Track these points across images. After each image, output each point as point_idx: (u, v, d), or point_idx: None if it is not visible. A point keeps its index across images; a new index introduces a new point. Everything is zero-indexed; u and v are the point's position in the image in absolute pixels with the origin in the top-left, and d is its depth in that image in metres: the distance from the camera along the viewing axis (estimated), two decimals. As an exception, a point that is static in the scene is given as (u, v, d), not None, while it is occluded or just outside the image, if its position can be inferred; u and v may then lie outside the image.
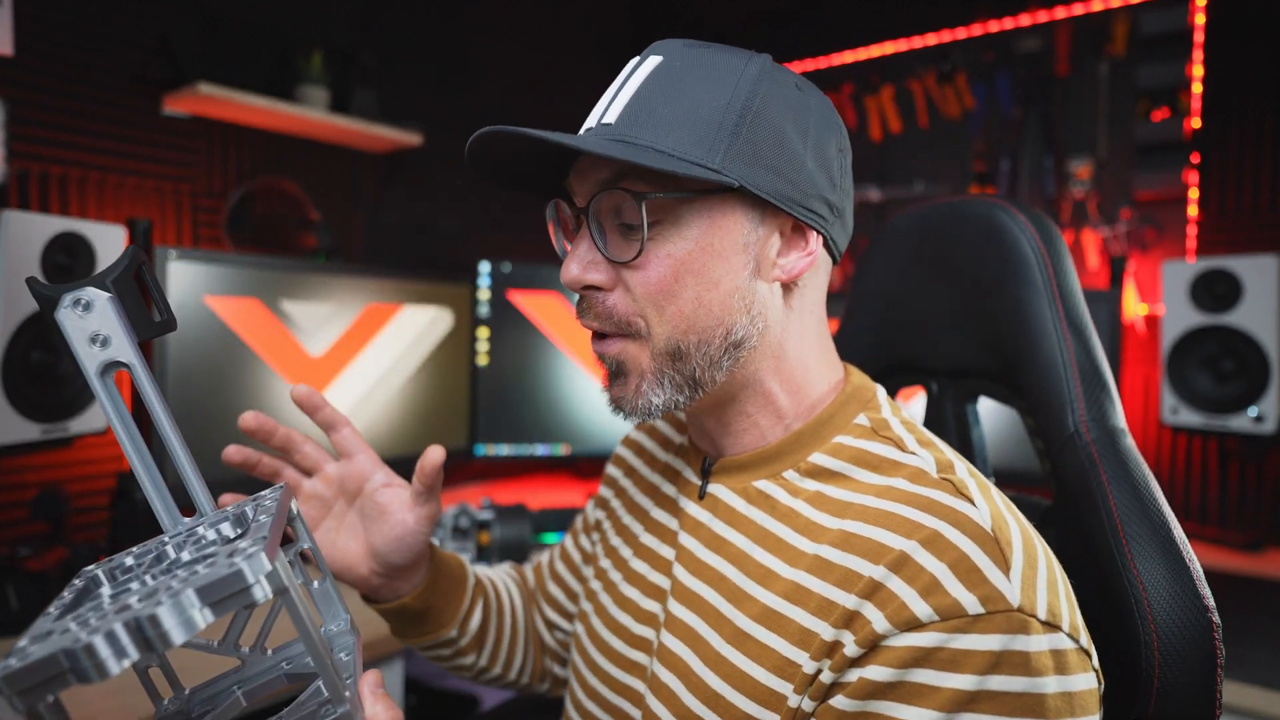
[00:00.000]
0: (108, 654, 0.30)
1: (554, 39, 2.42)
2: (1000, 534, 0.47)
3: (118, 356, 0.43)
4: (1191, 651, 0.51)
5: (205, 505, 0.45)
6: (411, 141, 1.82)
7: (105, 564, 0.40)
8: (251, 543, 0.35)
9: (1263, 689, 1.09)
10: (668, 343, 0.54)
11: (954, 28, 2.12)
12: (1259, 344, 1.58)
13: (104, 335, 0.43)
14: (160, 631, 0.31)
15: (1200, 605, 0.52)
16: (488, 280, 1.83)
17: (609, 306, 0.55)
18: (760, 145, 0.52)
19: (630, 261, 0.53)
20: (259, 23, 1.68)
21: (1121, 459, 0.58)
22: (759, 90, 0.52)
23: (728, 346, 0.54)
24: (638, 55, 0.56)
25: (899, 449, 0.55)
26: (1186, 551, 0.54)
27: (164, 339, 1.29)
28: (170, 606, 0.31)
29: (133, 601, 0.32)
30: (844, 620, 0.47)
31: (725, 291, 0.53)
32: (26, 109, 1.35)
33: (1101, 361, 0.63)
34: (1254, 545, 1.63)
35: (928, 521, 0.48)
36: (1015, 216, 0.67)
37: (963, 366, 0.73)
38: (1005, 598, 0.45)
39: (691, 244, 0.53)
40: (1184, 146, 1.81)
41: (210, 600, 0.32)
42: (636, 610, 0.64)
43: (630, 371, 0.55)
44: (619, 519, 0.73)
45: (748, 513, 0.58)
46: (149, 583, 0.36)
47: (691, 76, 0.53)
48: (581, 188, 0.55)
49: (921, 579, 0.46)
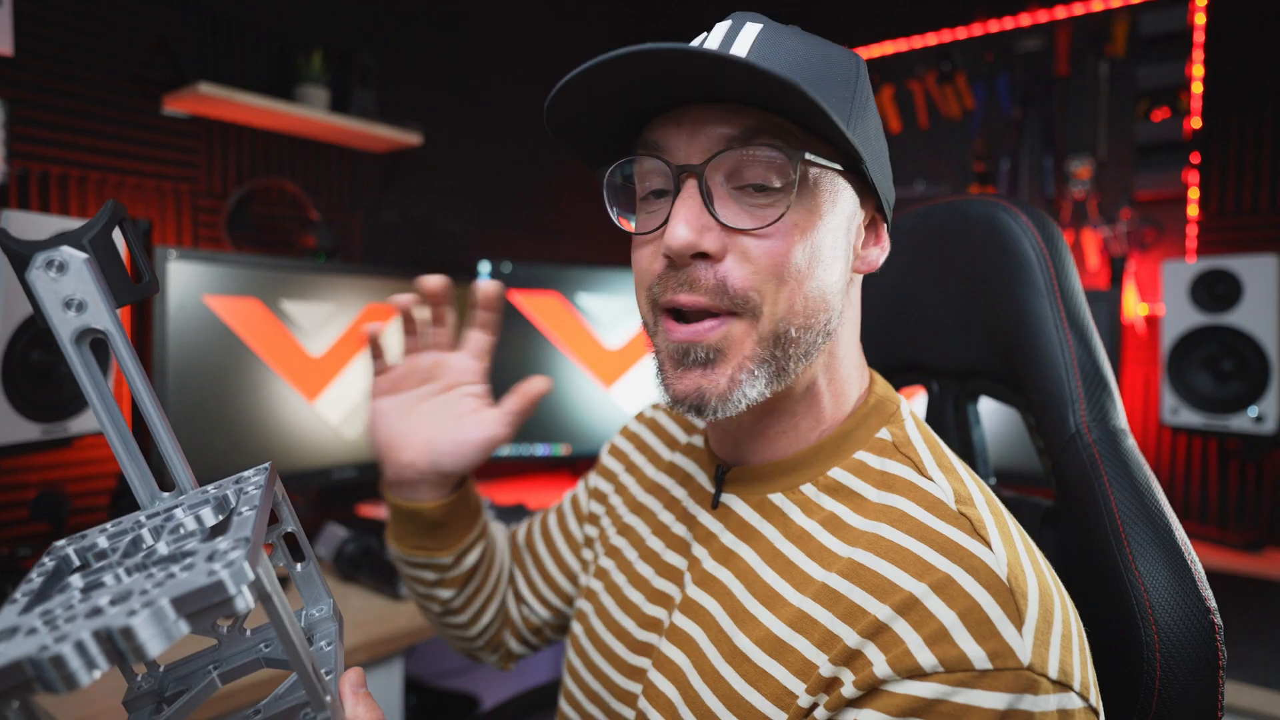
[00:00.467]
0: (77, 666, 0.28)
1: (554, 39, 2.42)
2: (1016, 584, 0.44)
3: (93, 323, 0.40)
4: (1193, 653, 0.51)
5: (185, 482, 0.42)
6: (411, 141, 1.82)
7: (76, 541, 0.38)
8: (233, 544, 0.33)
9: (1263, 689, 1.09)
10: (778, 325, 0.48)
11: (954, 28, 2.12)
12: (1259, 344, 1.58)
13: (79, 299, 0.39)
14: (134, 644, 0.28)
15: (1202, 607, 0.52)
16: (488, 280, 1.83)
17: (722, 277, 0.48)
18: (869, 127, 0.49)
19: (757, 230, 0.47)
20: (259, 23, 1.68)
21: (1123, 460, 0.58)
22: (861, 74, 0.50)
23: (823, 335, 0.50)
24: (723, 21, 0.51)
25: (918, 471, 0.51)
26: (1188, 553, 0.54)
27: (164, 339, 1.29)
28: (146, 618, 0.29)
29: (104, 603, 0.30)
30: (844, 658, 0.45)
31: (836, 275, 0.50)
32: (26, 109, 1.35)
33: (1103, 362, 0.62)
34: (1254, 545, 1.63)
35: (940, 564, 0.45)
36: (1017, 216, 0.67)
37: (964, 367, 0.73)
38: (1015, 654, 0.42)
39: (817, 218, 0.48)
40: (1184, 146, 1.81)
41: (188, 611, 0.30)
42: (640, 616, 0.62)
43: (729, 358, 0.49)
44: (620, 518, 0.70)
45: (760, 527, 0.55)
46: (122, 578, 0.34)
47: (806, 47, 0.48)
48: (691, 143, 0.48)
49: (929, 626, 0.43)
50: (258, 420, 1.43)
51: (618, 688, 0.62)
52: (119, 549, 0.37)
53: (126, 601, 0.30)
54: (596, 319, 1.93)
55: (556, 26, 2.43)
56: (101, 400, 0.40)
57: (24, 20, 1.33)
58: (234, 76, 1.60)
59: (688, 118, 0.49)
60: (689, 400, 0.50)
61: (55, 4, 1.38)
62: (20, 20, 1.33)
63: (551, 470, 2.36)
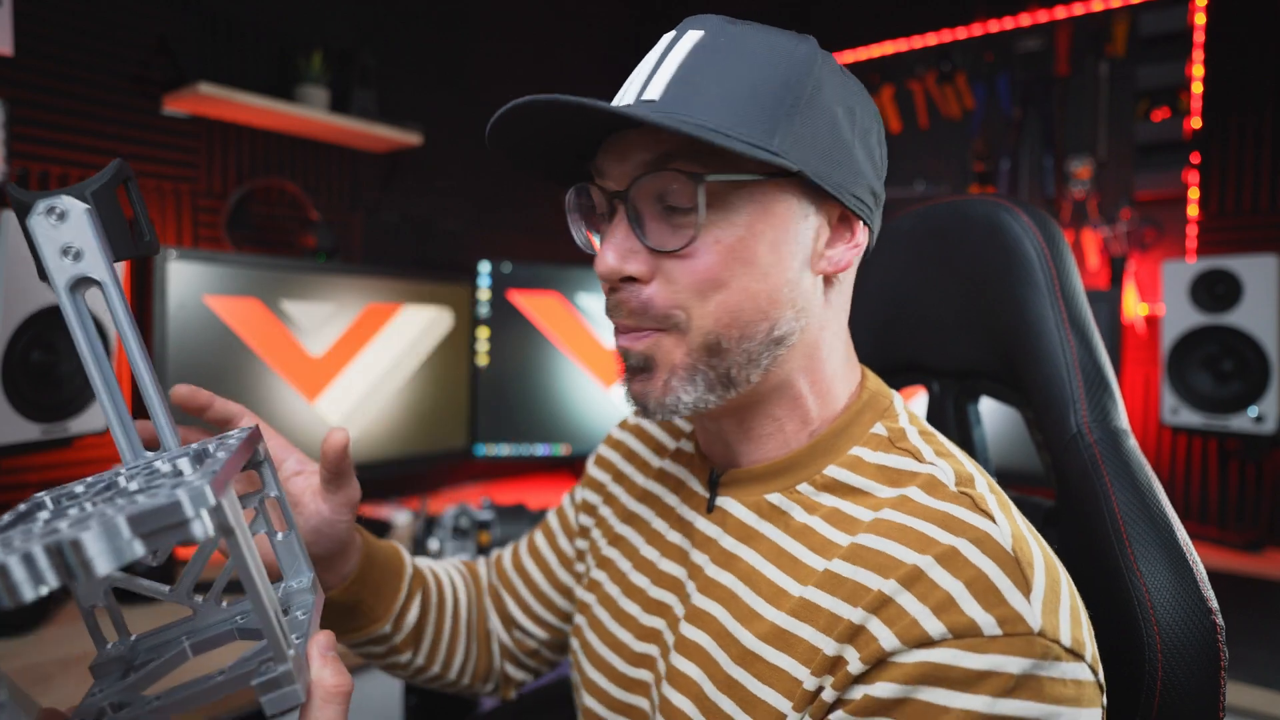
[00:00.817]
0: (22, 577, 0.27)
1: (554, 39, 2.42)
2: (1021, 554, 0.45)
3: (89, 272, 0.40)
4: (1195, 654, 0.51)
5: (170, 439, 0.42)
6: (411, 141, 1.82)
7: (56, 490, 0.37)
8: (199, 475, 0.32)
9: (1263, 689, 1.09)
10: (707, 336, 0.50)
11: (954, 28, 2.12)
12: (1259, 344, 1.58)
13: (77, 248, 0.39)
14: (83, 558, 0.27)
15: (1204, 608, 0.51)
16: (488, 280, 1.83)
17: (645, 299, 0.50)
18: (815, 129, 0.49)
19: (678, 251, 0.49)
20: (259, 23, 1.68)
21: (1124, 460, 0.58)
22: (813, 71, 0.49)
23: (769, 343, 0.51)
24: (672, 30, 0.53)
25: (916, 460, 0.52)
26: (1190, 553, 0.54)
27: (164, 339, 1.29)
28: (98, 533, 0.28)
29: (61, 526, 0.29)
30: (848, 634, 0.45)
31: (774, 283, 0.50)
32: (26, 109, 1.35)
33: (1104, 362, 0.62)
34: (1254, 545, 1.63)
35: (943, 537, 0.45)
36: (1018, 216, 0.67)
37: (965, 367, 0.73)
38: (1025, 620, 0.42)
39: (743, 230, 0.49)
40: (1184, 146, 1.81)
41: (142, 530, 0.29)
42: (637, 627, 0.61)
43: (659, 366, 0.51)
44: (612, 529, 0.69)
45: (760, 528, 0.55)
46: (87, 509, 0.33)
47: (739, 54, 0.49)
48: (619, 169, 0.51)
49: (935, 595, 0.43)
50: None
51: (617, 701, 0.61)
52: (91, 492, 0.37)
53: (84, 522, 0.29)
54: (596, 319, 1.93)
55: (556, 26, 2.43)
56: (92, 351, 0.40)
57: (24, 20, 1.33)
58: (234, 76, 1.60)
59: (619, 143, 0.51)
60: (636, 400, 0.53)
61: (55, 4, 1.38)
62: (20, 20, 1.33)
63: (551, 470, 2.36)
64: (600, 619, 0.65)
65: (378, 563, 0.67)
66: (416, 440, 1.73)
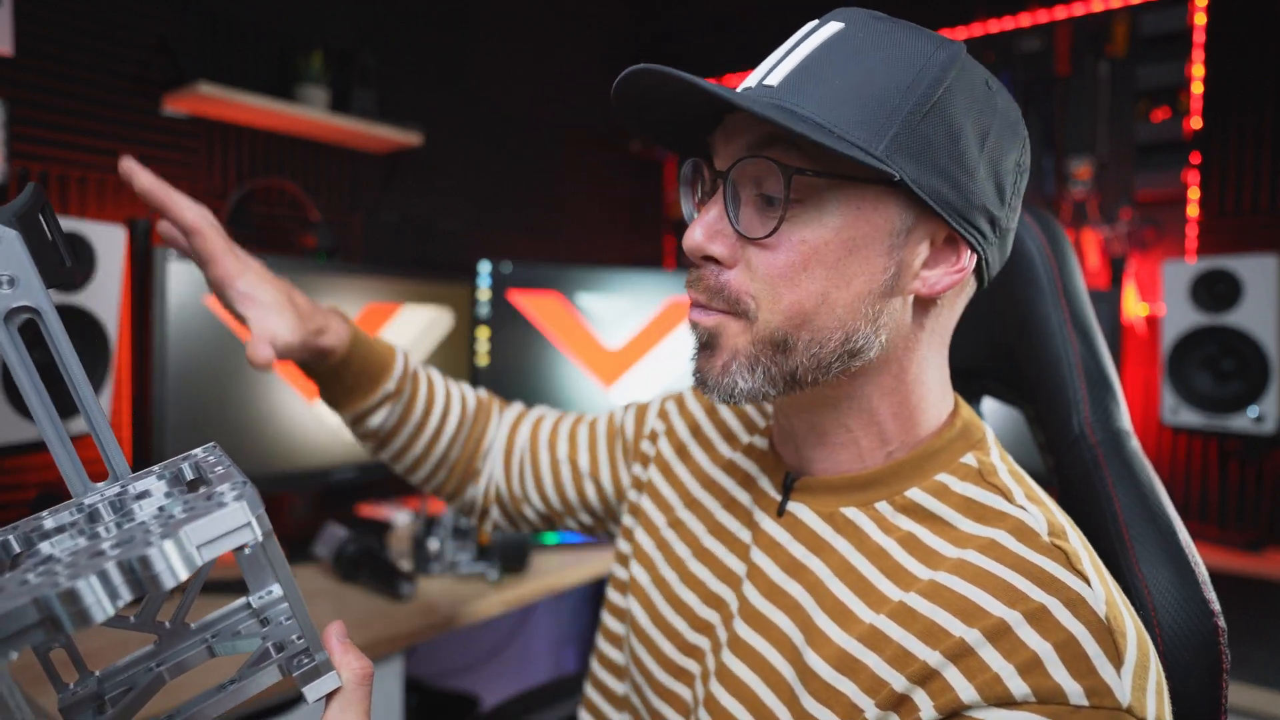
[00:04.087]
0: (97, 598, 0.27)
1: (555, 39, 2.42)
2: (1115, 623, 0.42)
3: (25, 300, 0.38)
4: (1196, 656, 0.50)
5: (120, 466, 0.41)
6: (411, 141, 1.82)
7: (6, 531, 0.36)
8: (231, 486, 0.33)
9: (1264, 689, 1.09)
10: (774, 332, 0.49)
11: (954, 27, 2.12)
12: (1259, 344, 1.58)
13: (9, 276, 0.38)
14: (151, 573, 0.28)
15: (1206, 610, 0.51)
16: (488, 280, 1.83)
17: (722, 283, 0.50)
18: (933, 140, 0.46)
19: (761, 239, 0.48)
20: (259, 23, 1.68)
21: (1126, 461, 0.58)
22: (945, 79, 0.46)
23: (842, 353, 0.49)
24: (816, 19, 0.51)
25: (1006, 499, 0.49)
26: (1192, 555, 0.53)
27: (164, 339, 1.29)
28: (171, 544, 0.29)
29: (105, 548, 0.29)
30: (921, 677, 0.43)
31: (855, 293, 0.48)
32: (26, 109, 1.35)
33: (1107, 363, 0.62)
34: (1254, 545, 1.63)
35: (1034, 593, 0.43)
36: (1021, 217, 0.66)
37: (968, 366, 0.72)
38: (1114, 694, 0.40)
39: (831, 233, 0.47)
40: (1184, 146, 1.81)
41: (205, 539, 0.30)
42: (692, 617, 0.61)
43: (722, 347, 0.51)
44: (673, 510, 0.67)
45: (831, 540, 0.53)
46: (112, 531, 0.33)
47: (872, 51, 0.47)
48: (727, 150, 0.50)
49: (1021, 654, 0.41)
50: (258, 421, 1.43)
51: (660, 685, 0.61)
52: (77, 522, 0.36)
53: (136, 541, 0.30)
54: (596, 319, 1.93)
55: (556, 26, 2.43)
56: (31, 382, 0.39)
57: (24, 20, 1.33)
58: (234, 76, 1.60)
59: (731, 124, 0.50)
60: (698, 376, 0.53)
61: (55, 4, 1.38)
62: (20, 20, 1.33)
63: (551, 470, 2.36)
64: (654, 601, 0.64)
65: (348, 367, 0.76)
66: (416, 440, 1.73)
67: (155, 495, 0.39)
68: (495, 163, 2.25)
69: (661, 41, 2.70)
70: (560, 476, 0.79)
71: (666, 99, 0.50)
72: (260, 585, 0.45)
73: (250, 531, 0.32)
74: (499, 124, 2.25)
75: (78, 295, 1.27)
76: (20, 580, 0.29)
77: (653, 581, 0.65)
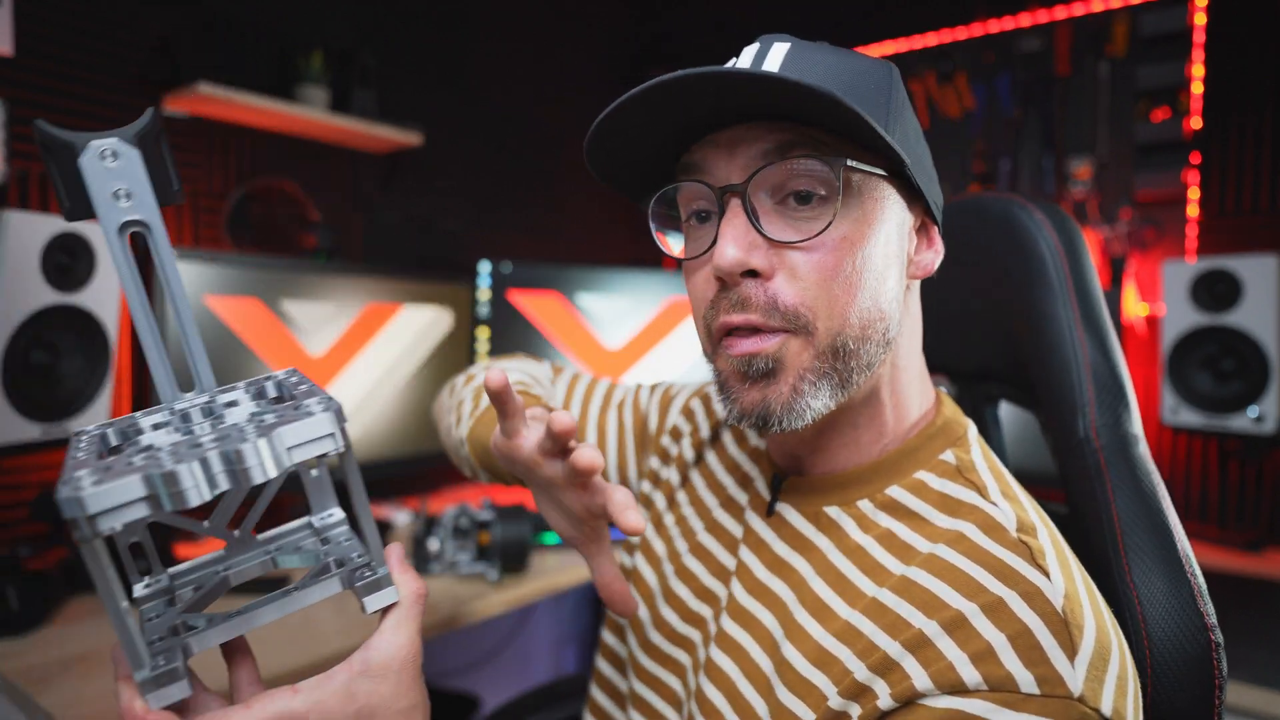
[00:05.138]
0: (195, 482, 0.30)
1: (554, 39, 2.42)
2: (1071, 616, 0.43)
3: (140, 215, 0.40)
4: (1188, 670, 0.49)
5: (207, 379, 0.43)
6: (411, 141, 1.82)
7: (104, 425, 0.39)
8: (318, 400, 0.36)
9: (1263, 689, 1.09)
10: (836, 338, 0.48)
11: (954, 28, 2.12)
12: (1259, 344, 1.58)
13: (128, 190, 0.39)
14: (244, 466, 0.31)
15: (1200, 623, 0.50)
16: (488, 280, 1.83)
17: (772, 295, 0.47)
18: (909, 130, 0.49)
19: (801, 242, 0.46)
20: (259, 23, 1.68)
21: (1131, 467, 0.56)
22: (896, 80, 0.50)
23: (884, 344, 0.49)
24: (757, 43, 0.51)
25: (979, 495, 0.50)
26: (1190, 565, 0.52)
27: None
28: (264, 443, 0.32)
29: (204, 441, 0.33)
30: (881, 667, 0.45)
31: (891, 282, 0.49)
32: (26, 109, 1.35)
33: (1120, 365, 0.60)
34: (1254, 545, 1.63)
35: (993, 586, 0.44)
36: (1032, 214, 0.65)
37: (979, 368, 0.71)
38: (1065, 683, 0.41)
39: (864, 226, 0.47)
40: (1184, 146, 1.81)
41: (295, 442, 0.33)
42: (685, 610, 0.62)
43: (789, 368, 0.48)
44: (679, 506, 0.68)
45: (814, 539, 0.54)
46: (207, 430, 0.36)
47: (836, 60, 0.48)
48: (730, 163, 0.48)
49: (975, 644, 0.42)
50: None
51: (651, 676, 0.63)
52: (171, 421, 0.39)
53: (231, 437, 0.33)
54: (596, 319, 1.93)
55: (556, 26, 2.43)
56: (138, 292, 0.41)
57: (24, 20, 1.33)
58: (234, 76, 1.60)
59: (725, 138, 0.49)
60: (755, 413, 0.49)
61: (55, 4, 1.38)
62: (20, 20, 1.33)
63: (551, 470, 2.35)
64: (652, 591, 0.66)
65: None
66: (417, 440, 1.73)
67: (243, 405, 0.41)
68: (495, 163, 2.25)
69: (661, 41, 2.70)
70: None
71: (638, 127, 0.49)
72: (322, 507, 0.49)
73: (334, 441, 0.35)
74: (499, 124, 2.25)
75: (78, 295, 1.27)
76: (126, 462, 0.32)
77: (653, 574, 0.67)
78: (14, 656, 1.03)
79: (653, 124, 0.48)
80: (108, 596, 0.33)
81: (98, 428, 0.39)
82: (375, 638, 0.41)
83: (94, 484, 0.30)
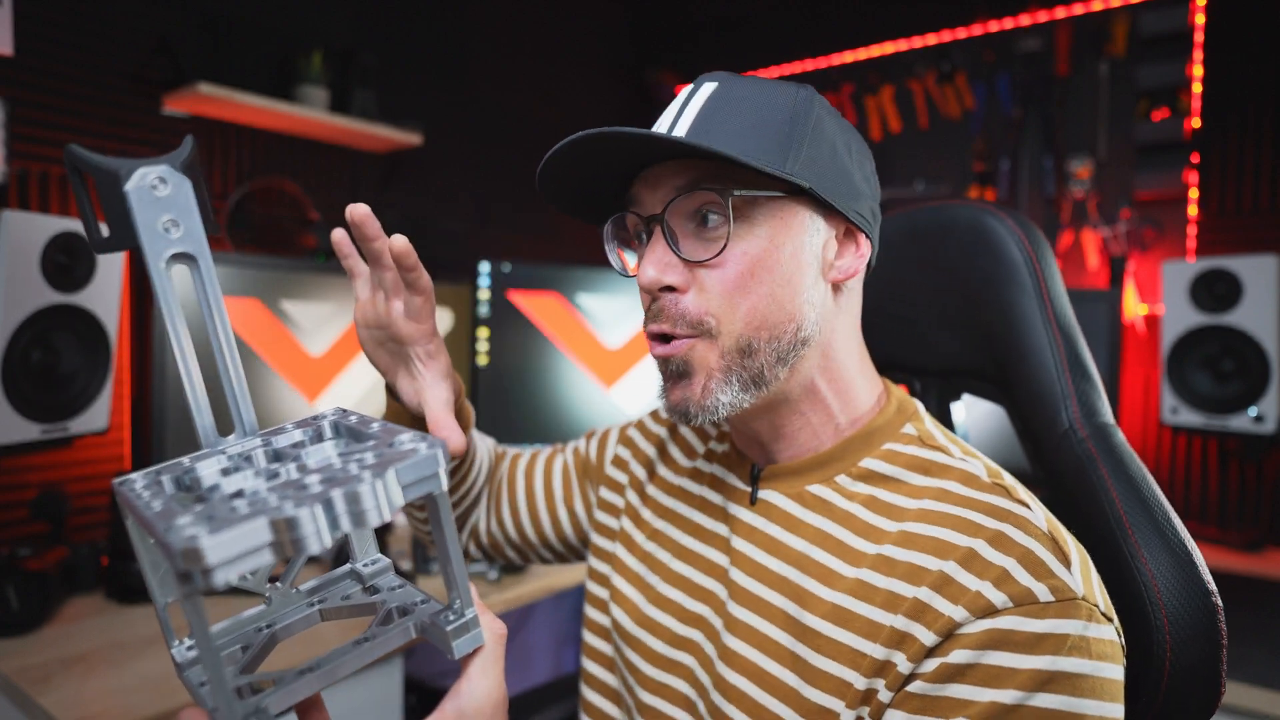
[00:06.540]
0: (317, 527, 0.28)
1: (554, 39, 2.42)
2: (1056, 534, 0.51)
3: (187, 247, 0.38)
4: (1199, 634, 0.53)
5: (250, 421, 0.42)
6: (411, 141, 1.82)
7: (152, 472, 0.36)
8: (411, 437, 0.35)
9: (1263, 689, 1.09)
10: (738, 340, 0.56)
11: (954, 28, 2.12)
12: (1259, 344, 1.58)
13: (175, 220, 0.38)
14: (360, 509, 0.30)
15: (1204, 589, 0.54)
16: (488, 280, 1.83)
17: (682, 308, 0.57)
18: (820, 155, 0.56)
19: (708, 260, 0.55)
20: (259, 23, 1.68)
21: (1117, 454, 0.60)
22: (813, 111, 0.57)
23: (796, 343, 0.57)
24: (690, 84, 0.60)
25: (947, 455, 0.58)
26: (1187, 539, 0.56)
27: (163, 339, 1.29)
28: (381, 484, 0.30)
29: (311, 483, 0.31)
30: (915, 611, 0.50)
31: (796, 287, 0.56)
32: (26, 109, 1.35)
33: (1088, 359, 0.64)
34: (1254, 545, 1.63)
35: (989, 523, 0.51)
36: (1003, 221, 0.69)
37: (950, 366, 0.74)
38: (1071, 588, 0.48)
39: (766, 242, 0.56)
40: (1184, 146, 1.81)
41: (405, 482, 0.32)
42: (681, 612, 0.65)
43: (697, 370, 0.57)
44: (649, 524, 0.71)
45: (804, 516, 0.60)
46: (294, 474, 0.34)
47: (751, 97, 0.57)
48: (652, 197, 0.58)
49: (992, 571, 0.49)
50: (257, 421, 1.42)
51: (652, 681, 0.65)
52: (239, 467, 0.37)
53: (338, 481, 0.31)
54: (596, 319, 1.93)
55: (556, 26, 2.43)
56: (184, 329, 0.39)
57: (24, 20, 1.33)
58: (234, 76, 1.60)
59: (651, 175, 0.58)
60: (677, 408, 0.58)
61: (55, 4, 1.38)
62: (20, 20, 1.33)
63: (551, 470, 2.36)
64: (638, 605, 0.69)
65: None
66: (416, 440, 1.73)
67: (320, 445, 0.40)
68: (495, 163, 2.25)
69: (661, 42, 2.70)
70: (535, 506, 0.82)
71: (585, 165, 0.57)
72: (365, 553, 0.47)
73: (438, 482, 0.33)
74: (499, 124, 2.25)
75: (78, 295, 1.27)
76: (229, 509, 0.29)
77: (637, 589, 0.70)
78: (14, 656, 1.03)
79: (593, 167, 0.57)
80: (210, 657, 0.31)
81: (145, 474, 0.37)
82: (464, 684, 0.41)
83: (210, 533, 0.27)
